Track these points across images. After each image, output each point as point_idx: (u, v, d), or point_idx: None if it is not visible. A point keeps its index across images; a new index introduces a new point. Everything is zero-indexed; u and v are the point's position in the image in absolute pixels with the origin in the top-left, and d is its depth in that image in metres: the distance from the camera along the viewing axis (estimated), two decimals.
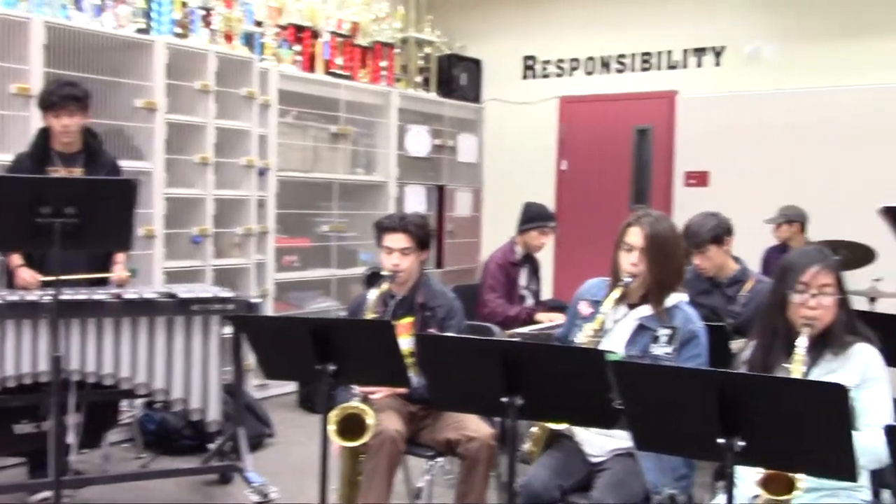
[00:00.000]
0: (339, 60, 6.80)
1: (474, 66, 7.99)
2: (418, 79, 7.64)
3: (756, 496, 2.49)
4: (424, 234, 3.66)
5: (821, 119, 6.40)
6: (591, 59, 7.58)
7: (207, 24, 5.79)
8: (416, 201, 7.33)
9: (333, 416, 3.09)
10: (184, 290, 4.10)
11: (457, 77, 7.82)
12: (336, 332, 2.83)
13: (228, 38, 5.92)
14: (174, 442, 4.88)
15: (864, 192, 5.60)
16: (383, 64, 7.18)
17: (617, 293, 2.99)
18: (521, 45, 7.90)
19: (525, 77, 7.93)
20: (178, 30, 5.58)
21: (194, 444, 4.81)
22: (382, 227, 3.64)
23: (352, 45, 6.98)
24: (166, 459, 4.77)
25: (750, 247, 5.42)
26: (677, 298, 3.02)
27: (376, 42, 7.18)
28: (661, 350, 2.93)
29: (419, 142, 7.38)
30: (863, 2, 6.33)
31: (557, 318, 4.64)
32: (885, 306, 5.60)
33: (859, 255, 5.62)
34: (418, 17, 7.75)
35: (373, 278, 3.68)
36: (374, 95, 7.07)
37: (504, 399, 2.45)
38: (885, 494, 2.70)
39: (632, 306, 3.03)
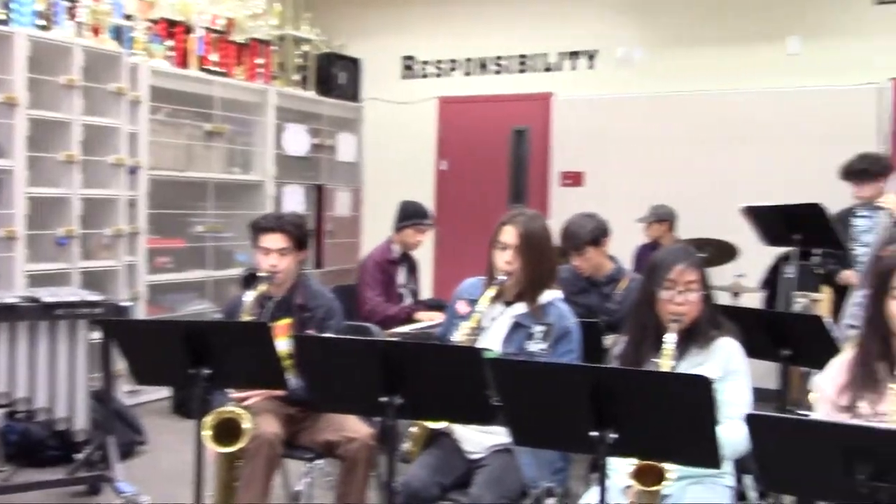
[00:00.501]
0: (213, 57, 6.64)
1: (353, 64, 7.95)
2: (296, 77, 7.54)
3: (628, 486, 2.57)
4: (302, 234, 3.61)
5: (689, 121, 6.66)
6: (469, 60, 7.66)
7: (73, 16, 5.55)
8: (295, 201, 7.23)
9: (208, 421, 3.01)
10: (48, 294, 3.93)
11: (336, 76, 7.76)
12: (210, 335, 2.76)
13: (96, 31, 5.69)
14: (39, 453, 4.65)
15: (729, 192, 5.87)
16: (260, 61, 7.06)
17: (492, 291, 3.03)
18: (401, 44, 7.91)
19: (404, 77, 7.95)
20: (41, 22, 5.33)
21: (60, 454, 4.59)
22: (258, 228, 3.57)
23: (227, 41, 6.83)
24: (30, 472, 4.54)
25: (623, 245, 5.60)
26: (551, 296, 3.08)
27: (252, 39, 7.05)
28: (536, 347, 2.98)
29: (297, 141, 7.28)
30: (728, 10, 6.62)
31: (437, 317, 4.66)
32: (747, 301, 5.90)
33: (723, 252, 5.89)
34: (296, 15, 7.65)
35: (250, 280, 3.60)
36: (250, 93, 6.93)
37: (383, 399, 2.45)
38: (748, 479, 2.82)
39: (508, 304, 3.07)
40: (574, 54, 7.23)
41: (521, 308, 3.04)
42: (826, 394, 2.54)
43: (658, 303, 2.76)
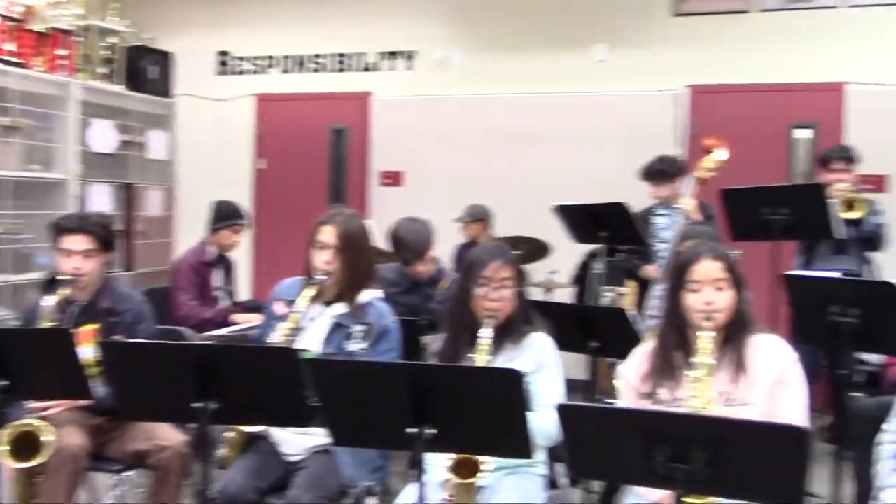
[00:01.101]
0: (9, 46, 6.20)
1: (164, 59, 7.63)
2: (103, 70, 7.16)
3: (446, 480, 2.62)
4: (108, 235, 3.44)
5: (504, 123, 6.84)
6: (287, 57, 7.55)
7: None
8: (101, 200, 6.87)
9: (4, 435, 2.81)
10: None
11: (146, 70, 7.42)
12: (7, 343, 2.59)
13: None
14: None
15: (541, 192, 6.06)
16: (62, 52, 6.65)
17: (311, 291, 3.00)
18: (215, 40, 7.68)
19: (219, 73, 7.72)
20: None
21: None
22: (60, 228, 3.37)
23: (25, 30, 6.39)
24: None
25: (442, 245, 5.69)
26: (370, 295, 3.09)
27: (53, 28, 6.64)
28: (356, 346, 2.98)
29: (104, 137, 6.92)
30: (541, 17, 6.85)
31: (255, 319, 4.56)
32: (559, 296, 6.14)
33: (537, 249, 6.10)
34: (102, 4, 7.26)
35: (52, 284, 3.39)
36: (51, 86, 6.52)
37: (197, 405, 2.37)
38: (559, 467, 2.94)
39: (328, 304, 3.06)
40: (393, 54, 7.28)
41: (340, 308, 3.03)
42: (629, 382, 2.68)
43: (474, 299, 2.82)
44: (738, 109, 6.29)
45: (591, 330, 3.58)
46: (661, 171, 5.07)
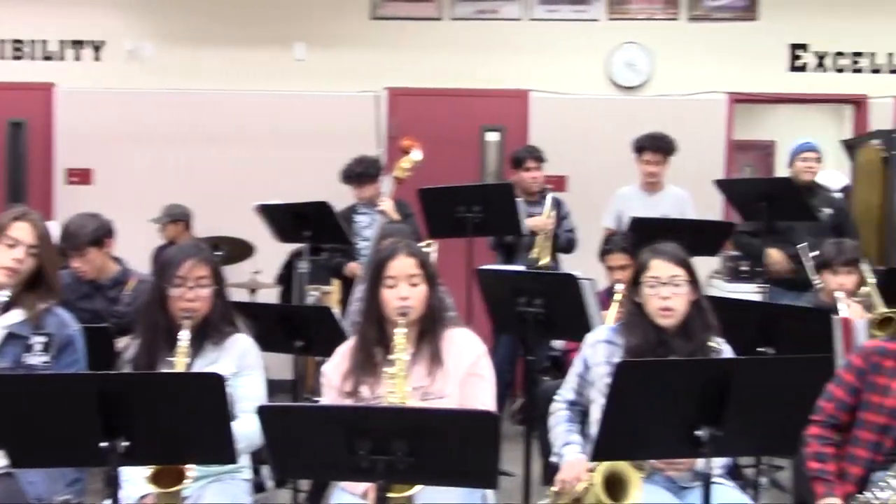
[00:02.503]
0: None
1: None
2: None
3: (145, 495, 2.49)
4: None
5: (202, 120, 6.61)
6: None
7: None
8: None
9: None
10: None
11: None
12: None
13: None
14: None
15: (243, 191, 5.94)
16: None
17: None
18: None
19: None
20: None
21: None
22: None
23: None
24: None
25: (140, 246, 5.41)
26: (49, 302, 2.84)
27: None
28: (36, 359, 2.73)
29: None
30: (240, 13, 6.66)
31: None
32: (264, 296, 6.07)
33: (239, 249, 5.99)
34: None
35: None
36: None
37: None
38: (265, 470, 2.90)
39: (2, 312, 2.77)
40: (78, 43, 6.76)
41: (16, 317, 2.75)
42: (331, 382, 2.70)
43: (170, 300, 2.70)
44: (434, 112, 6.57)
45: (296, 329, 3.59)
46: (361, 174, 5.16)
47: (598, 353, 2.83)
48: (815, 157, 5.05)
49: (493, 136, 6.68)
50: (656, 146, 5.16)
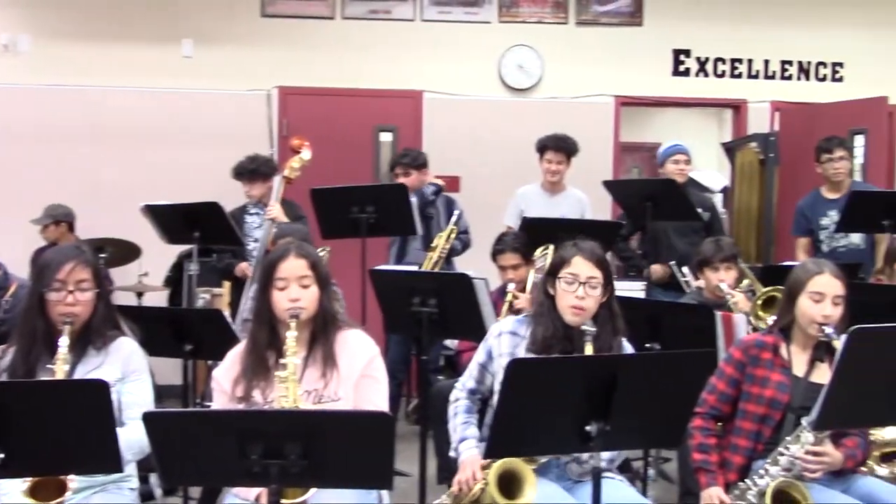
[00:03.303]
0: None
1: None
2: None
3: None
4: None
5: (84, 118, 6.37)
6: None
7: None
8: None
9: None
10: None
11: None
12: None
13: None
14: None
15: (128, 191, 5.76)
16: None
17: None
18: None
19: None
20: None
21: None
22: None
23: None
24: None
25: (19, 249, 5.17)
26: None
27: None
28: None
29: None
30: (124, 7, 6.44)
31: None
32: (152, 299, 5.90)
33: (125, 251, 5.79)
34: None
35: None
36: None
37: None
38: (153, 478, 2.82)
39: None
40: None
41: None
42: (223, 386, 2.64)
43: (49, 305, 2.59)
44: (327, 112, 6.51)
45: (186, 333, 3.50)
46: (254, 171, 5.09)
47: (503, 344, 2.85)
48: (686, 160, 5.21)
49: (386, 137, 6.67)
50: (558, 146, 5.25)
